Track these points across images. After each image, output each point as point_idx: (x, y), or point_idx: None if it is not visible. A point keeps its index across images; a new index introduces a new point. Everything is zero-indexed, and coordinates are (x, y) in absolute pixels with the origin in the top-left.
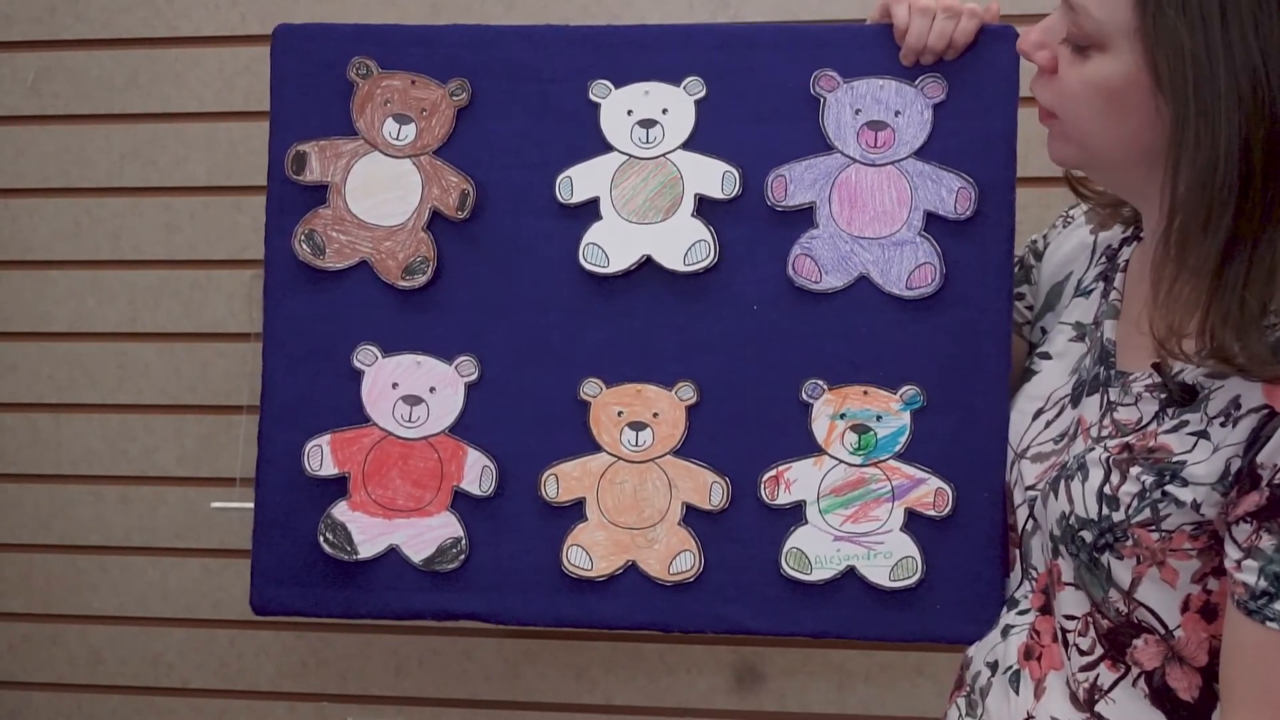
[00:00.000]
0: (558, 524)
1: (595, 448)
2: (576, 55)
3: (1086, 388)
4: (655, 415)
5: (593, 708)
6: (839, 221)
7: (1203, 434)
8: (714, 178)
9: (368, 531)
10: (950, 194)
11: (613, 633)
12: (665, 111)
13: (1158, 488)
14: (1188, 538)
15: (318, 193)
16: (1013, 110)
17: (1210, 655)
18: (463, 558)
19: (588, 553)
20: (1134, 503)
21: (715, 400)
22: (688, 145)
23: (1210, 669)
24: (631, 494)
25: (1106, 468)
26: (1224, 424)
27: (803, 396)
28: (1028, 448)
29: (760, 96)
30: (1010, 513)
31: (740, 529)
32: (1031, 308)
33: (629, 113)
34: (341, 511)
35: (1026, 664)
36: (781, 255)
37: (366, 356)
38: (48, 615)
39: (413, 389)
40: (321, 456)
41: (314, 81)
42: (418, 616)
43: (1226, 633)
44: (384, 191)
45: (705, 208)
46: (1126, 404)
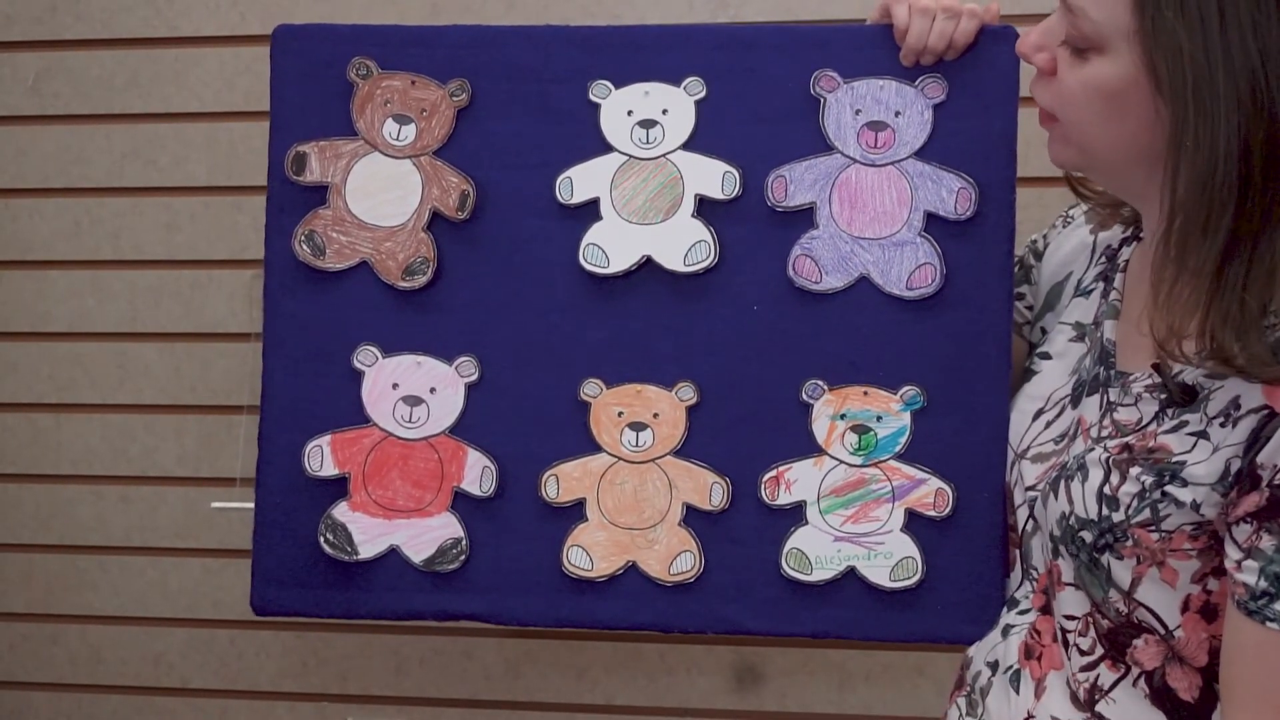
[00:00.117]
0: (558, 524)
1: (595, 448)
2: (576, 55)
3: (1086, 388)
4: (655, 416)
5: (593, 708)
6: (839, 222)
7: (1202, 434)
8: (714, 178)
9: (368, 532)
10: (950, 194)
11: (613, 633)
12: (665, 112)
13: (1157, 488)
14: (1187, 538)
15: (318, 193)
16: (1013, 111)
17: (1210, 655)
18: (463, 558)
19: (588, 553)
20: (1134, 503)
21: (715, 400)
22: (688, 146)
23: (1210, 669)
24: (632, 494)
25: (1106, 468)
26: (1224, 424)
27: (803, 397)
28: (1028, 448)
29: (760, 97)
30: (1010, 513)
31: (740, 529)
32: (1031, 308)
33: (629, 113)
34: (342, 512)
35: (1027, 664)
36: (782, 256)
37: (367, 357)
38: (48, 615)
39: (413, 389)
40: (322, 457)
41: (314, 82)
42: (418, 617)
43: (1227, 633)
44: (384, 192)
45: (705, 208)
46: (1126, 404)
